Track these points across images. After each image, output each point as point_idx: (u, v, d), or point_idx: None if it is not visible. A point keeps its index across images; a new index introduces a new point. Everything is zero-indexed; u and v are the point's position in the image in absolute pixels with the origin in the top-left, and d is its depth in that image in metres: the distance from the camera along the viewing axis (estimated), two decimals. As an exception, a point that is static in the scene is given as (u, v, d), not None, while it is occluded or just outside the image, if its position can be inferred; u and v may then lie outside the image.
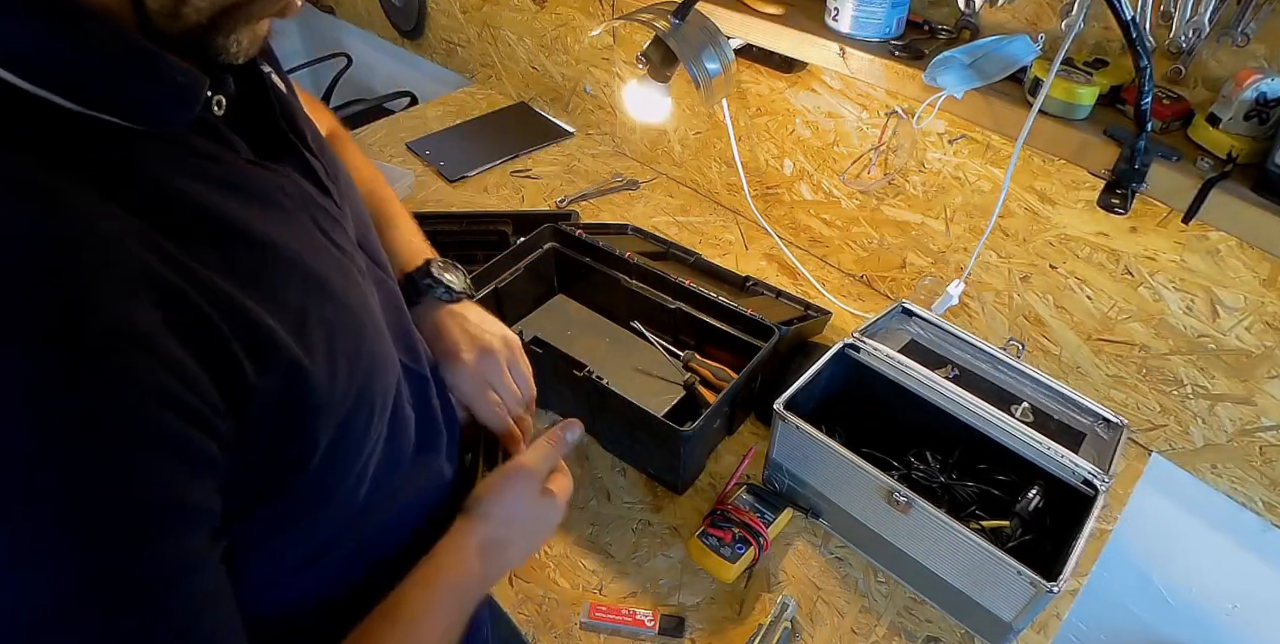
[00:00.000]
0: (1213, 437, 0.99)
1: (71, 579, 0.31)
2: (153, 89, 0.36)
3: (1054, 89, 0.82)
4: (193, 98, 0.38)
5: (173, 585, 0.34)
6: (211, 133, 0.41)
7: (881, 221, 1.22)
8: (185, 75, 0.37)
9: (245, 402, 0.36)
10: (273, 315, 0.38)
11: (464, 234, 1.32)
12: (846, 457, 0.84)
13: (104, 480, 0.31)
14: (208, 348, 0.34)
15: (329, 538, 0.48)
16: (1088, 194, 0.95)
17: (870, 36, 0.97)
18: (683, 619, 0.85)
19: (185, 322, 0.34)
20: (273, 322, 0.38)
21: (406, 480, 0.53)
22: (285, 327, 0.39)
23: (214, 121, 0.41)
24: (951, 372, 0.92)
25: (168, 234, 0.35)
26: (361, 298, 0.47)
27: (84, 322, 0.30)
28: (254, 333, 0.37)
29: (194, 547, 0.35)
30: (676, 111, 1.45)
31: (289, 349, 0.38)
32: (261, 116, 0.46)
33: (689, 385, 1.05)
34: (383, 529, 0.53)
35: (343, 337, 0.43)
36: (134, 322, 0.31)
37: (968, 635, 0.86)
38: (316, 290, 0.42)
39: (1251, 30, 0.76)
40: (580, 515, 0.96)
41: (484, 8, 1.73)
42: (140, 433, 0.32)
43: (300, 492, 0.43)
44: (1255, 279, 0.86)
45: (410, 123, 1.75)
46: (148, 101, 0.36)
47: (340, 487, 0.46)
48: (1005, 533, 0.87)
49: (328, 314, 0.42)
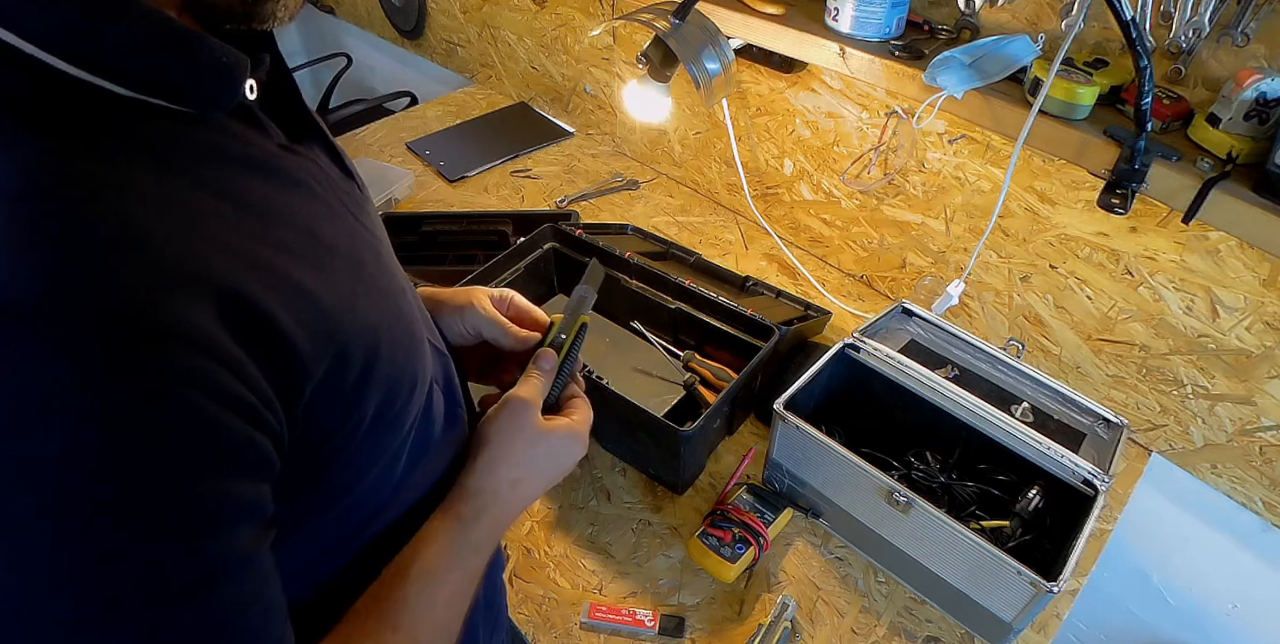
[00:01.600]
0: (1213, 437, 0.99)
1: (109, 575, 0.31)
2: (197, 69, 0.35)
3: (1054, 89, 0.82)
4: (236, 78, 0.37)
5: (222, 580, 0.34)
6: (247, 116, 0.41)
7: (881, 221, 1.22)
8: (228, 55, 0.37)
9: (299, 387, 0.36)
10: (329, 296, 0.38)
11: (464, 234, 1.32)
12: (846, 457, 0.84)
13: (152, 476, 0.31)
14: (263, 338, 0.34)
15: (366, 518, 0.48)
16: (1088, 194, 0.95)
17: (870, 36, 0.97)
18: (683, 619, 0.85)
19: (240, 312, 0.33)
20: (330, 302, 0.38)
21: (435, 458, 0.53)
22: (340, 308, 0.39)
23: (249, 105, 0.41)
24: (951, 372, 0.92)
25: (219, 218, 0.35)
26: (393, 279, 0.47)
27: (133, 320, 0.30)
28: (313, 314, 0.37)
29: (244, 540, 0.35)
30: (676, 111, 1.45)
31: (343, 330, 0.39)
32: (286, 99, 0.46)
33: (689, 385, 1.05)
34: (415, 510, 0.53)
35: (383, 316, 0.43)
36: (184, 318, 0.31)
37: (968, 635, 0.86)
38: (358, 271, 0.42)
39: (1251, 30, 0.76)
40: (580, 515, 0.96)
41: (484, 8, 1.73)
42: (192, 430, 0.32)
43: (341, 471, 0.43)
44: (1255, 279, 0.86)
45: (410, 123, 1.76)
46: (193, 83, 0.36)
47: (378, 464, 0.46)
48: (1005, 533, 0.87)
49: (369, 294, 0.43)
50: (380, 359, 0.42)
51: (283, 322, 0.35)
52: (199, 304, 0.32)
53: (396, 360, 0.44)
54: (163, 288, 0.31)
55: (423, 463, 0.52)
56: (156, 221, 0.32)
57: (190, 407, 0.31)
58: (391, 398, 0.44)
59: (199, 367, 0.31)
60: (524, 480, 0.56)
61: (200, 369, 0.31)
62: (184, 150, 0.36)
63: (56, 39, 0.31)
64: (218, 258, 0.33)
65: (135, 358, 0.30)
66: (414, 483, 0.51)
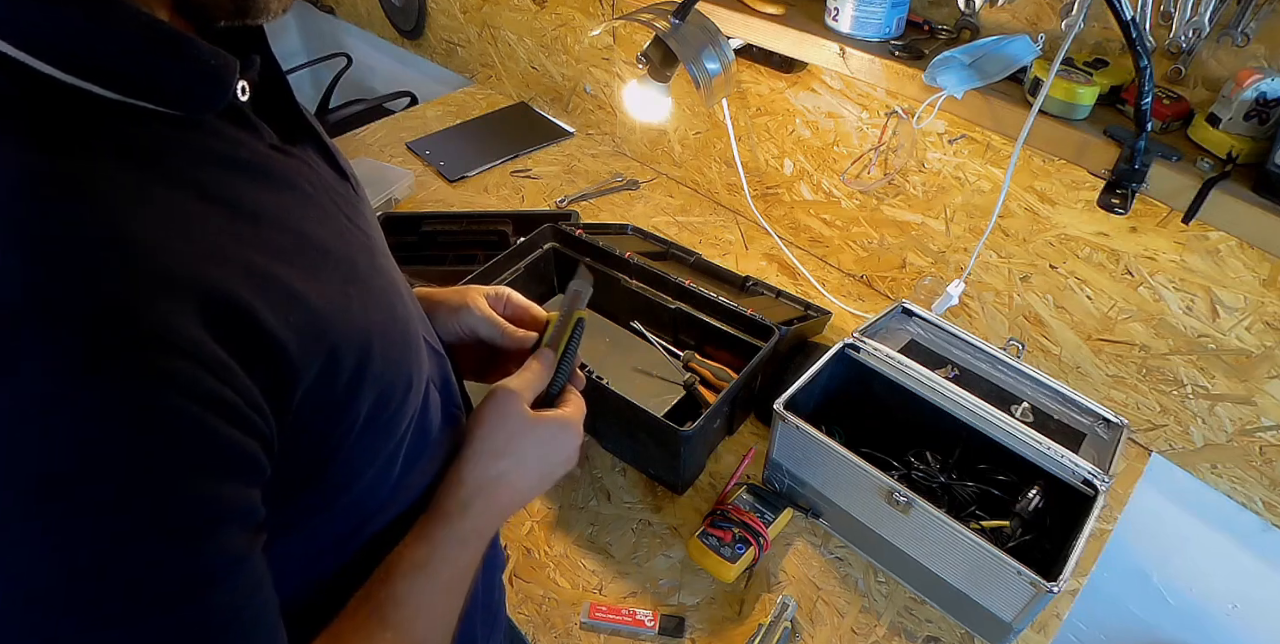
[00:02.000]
0: (1213, 437, 0.99)
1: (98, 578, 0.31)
2: (186, 72, 0.35)
3: (1054, 89, 0.82)
4: (225, 80, 0.37)
5: (212, 582, 0.34)
6: (238, 118, 0.40)
7: (881, 221, 1.22)
8: (217, 58, 0.36)
9: (289, 390, 0.36)
10: (319, 298, 0.38)
11: (464, 234, 1.32)
12: (846, 457, 0.84)
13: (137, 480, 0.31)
14: (250, 342, 0.34)
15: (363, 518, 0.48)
16: (1088, 194, 0.95)
17: (870, 36, 0.97)
18: (683, 619, 0.85)
19: (227, 316, 0.33)
20: (320, 303, 0.38)
21: (433, 459, 0.53)
22: (331, 309, 0.39)
23: (240, 106, 0.41)
24: (951, 372, 0.92)
25: (208, 221, 0.35)
26: (388, 279, 0.47)
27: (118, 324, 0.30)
28: (304, 317, 0.37)
29: (234, 543, 0.35)
30: (676, 111, 1.45)
31: (334, 332, 0.38)
32: (279, 100, 0.46)
33: (689, 385, 1.05)
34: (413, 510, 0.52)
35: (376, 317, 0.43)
36: (169, 322, 0.31)
37: (968, 635, 0.86)
38: (350, 272, 0.42)
39: (1251, 30, 0.76)
40: (580, 515, 0.96)
41: (484, 8, 1.73)
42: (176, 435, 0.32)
43: (337, 472, 0.43)
44: (1255, 279, 0.86)
45: (410, 123, 1.75)
46: (182, 86, 0.36)
47: (375, 465, 0.46)
48: (1005, 533, 0.87)
49: (362, 295, 0.43)
50: (373, 359, 0.42)
51: (271, 325, 0.35)
52: (185, 308, 0.32)
53: (390, 361, 0.44)
54: (148, 292, 0.31)
55: (420, 463, 0.51)
56: (144, 225, 0.32)
57: (175, 411, 0.31)
58: (386, 398, 0.44)
59: (184, 371, 0.31)
60: (511, 471, 0.54)
61: (185, 374, 0.31)
62: (173, 153, 0.35)
63: (42, 43, 0.31)
64: (206, 262, 0.33)
65: (119, 362, 0.30)
66: (411, 483, 0.51)
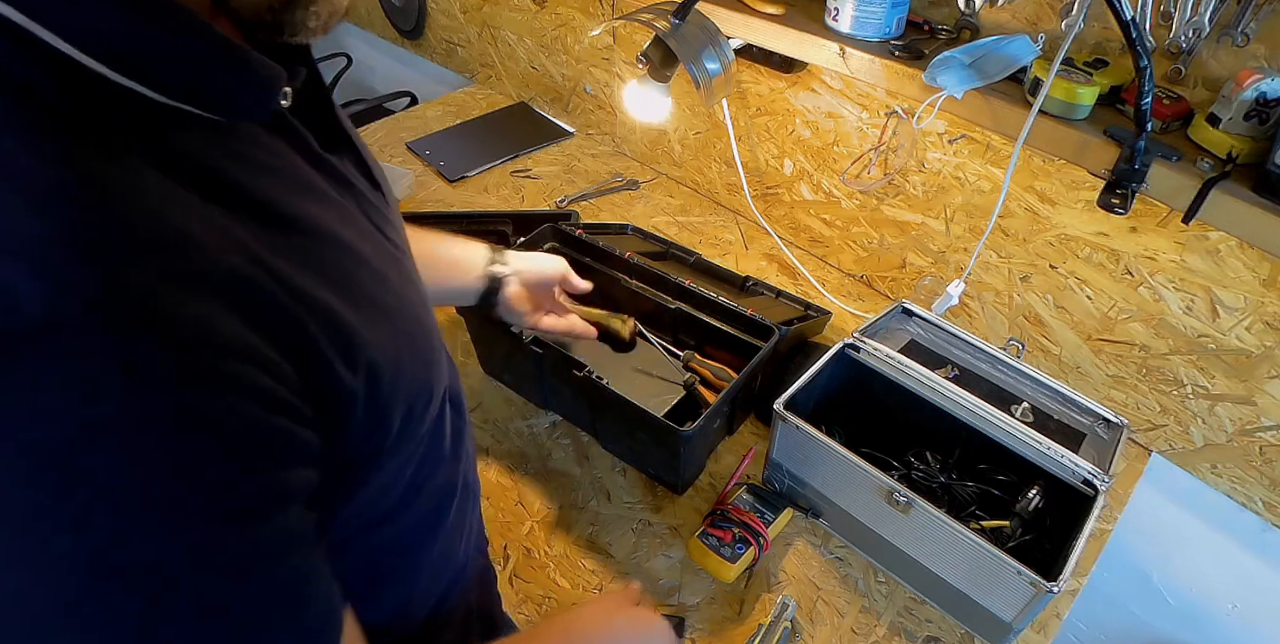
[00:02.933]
0: (1213, 437, 0.99)
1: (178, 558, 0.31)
2: (238, 80, 0.35)
3: (1054, 89, 0.82)
4: (273, 91, 0.37)
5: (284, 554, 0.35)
6: (279, 126, 0.40)
7: (881, 221, 1.22)
8: (267, 68, 0.37)
9: (337, 400, 0.37)
10: (353, 311, 0.38)
11: (464, 234, 1.32)
12: (846, 457, 0.84)
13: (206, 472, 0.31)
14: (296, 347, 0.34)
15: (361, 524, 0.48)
16: (1088, 194, 0.95)
17: (870, 36, 0.97)
18: (683, 619, 0.85)
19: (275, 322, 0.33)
20: (353, 318, 0.38)
21: (443, 474, 0.54)
22: (364, 324, 0.39)
23: (281, 112, 0.41)
24: (951, 372, 0.92)
25: (248, 229, 0.35)
26: (416, 291, 0.48)
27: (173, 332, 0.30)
28: (339, 332, 0.37)
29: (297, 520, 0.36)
30: (676, 111, 1.45)
31: (368, 344, 0.39)
32: (320, 109, 0.46)
33: (689, 385, 1.05)
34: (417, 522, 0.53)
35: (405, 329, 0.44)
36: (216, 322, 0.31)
37: (968, 635, 0.86)
38: (382, 284, 0.42)
39: (1251, 30, 0.76)
40: (580, 515, 0.96)
41: (484, 8, 1.73)
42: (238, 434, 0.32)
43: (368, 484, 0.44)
44: (1255, 279, 0.86)
45: (410, 123, 1.75)
46: (232, 93, 0.36)
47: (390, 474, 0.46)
48: (1005, 533, 0.87)
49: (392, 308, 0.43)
50: (404, 372, 0.42)
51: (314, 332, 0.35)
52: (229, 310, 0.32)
53: (417, 373, 0.44)
54: (200, 294, 0.31)
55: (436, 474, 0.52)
56: (188, 228, 0.32)
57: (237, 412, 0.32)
58: (411, 411, 0.44)
59: (241, 372, 0.32)
60: None
61: (242, 374, 0.32)
62: (213, 158, 0.35)
63: (96, 40, 0.31)
64: (248, 267, 0.33)
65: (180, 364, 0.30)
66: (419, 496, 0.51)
